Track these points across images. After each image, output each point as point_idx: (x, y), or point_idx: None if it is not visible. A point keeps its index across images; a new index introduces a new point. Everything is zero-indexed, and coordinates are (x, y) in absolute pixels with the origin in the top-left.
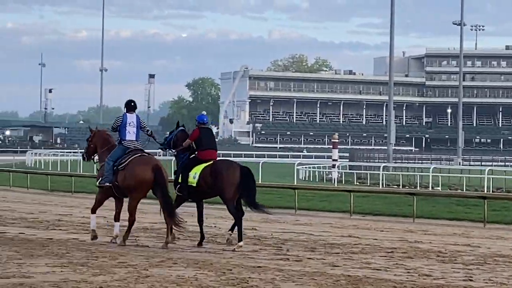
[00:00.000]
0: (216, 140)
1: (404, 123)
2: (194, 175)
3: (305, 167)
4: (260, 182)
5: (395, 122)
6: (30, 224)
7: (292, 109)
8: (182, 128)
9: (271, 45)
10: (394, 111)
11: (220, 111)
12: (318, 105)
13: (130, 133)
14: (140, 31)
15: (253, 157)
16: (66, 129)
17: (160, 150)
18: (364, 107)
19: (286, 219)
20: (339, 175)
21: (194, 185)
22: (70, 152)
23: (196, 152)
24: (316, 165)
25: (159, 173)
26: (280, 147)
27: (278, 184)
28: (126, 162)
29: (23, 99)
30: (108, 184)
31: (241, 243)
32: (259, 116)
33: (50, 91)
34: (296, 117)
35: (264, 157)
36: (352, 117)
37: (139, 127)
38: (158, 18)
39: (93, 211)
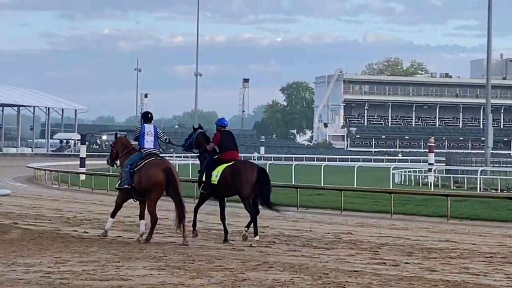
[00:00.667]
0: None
1: (501, 127)
2: (217, 174)
3: (401, 171)
4: (355, 186)
5: (493, 126)
6: (127, 227)
7: (387, 113)
8: (202, 130)
9: (366, 49)
10: (491, 114)
11: (315, 115)
12: (414, 109)
13: (148, 142)
14: (234, 36)
15: (347, 161)
16: None
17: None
18: (461, 110)
19: (382, 223)
20: (435, 179)
21: (216, 183)
22: (165, 157)
23: (219, 154)
24: (411, 169)
25: (171, 175)
26: (375, 151)
27: (374, 188)
28: (140, 165)
29: (119, 104)
30: (126, 186)
31: (257, 237)
32: (353, 120)
33: (145, 96)
34: (391, 121)
35: (359, 161)
36: (448, 120)
37: (156, 136)
38: (253, 23)
39: (113, 215)
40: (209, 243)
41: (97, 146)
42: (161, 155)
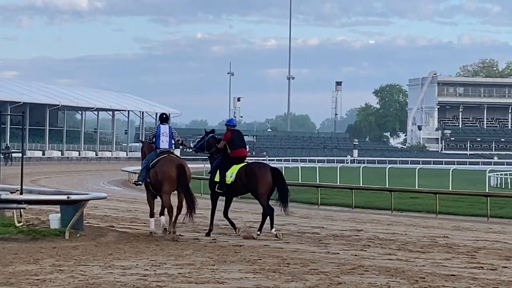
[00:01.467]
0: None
1: None
2: (231, 174)
3: (497, 174)
4: (450, 189)
5: None
6: (222, 230)
7: (482, 115)
8: (212, 134)
9: (460, 50)
10: None
11: (408, 117)
12: (510, 111)
13: (164, 142)
14: (327, 38)
15: (442, 164)
16: (254, 137)
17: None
18: None
19: (478, 227)
20: None
21: (230, 183)
22: (259, 160)
23: (229, 151)
24: (508, 172)
25: (183, 171)
26: (470, 154)
27: (470, 191)
28: (156, 161)
29: (212, 108)
30: (140, 182)
31: (273, 230)
32: (448, 123)
33: (238, 99)
34: (487, 123)
35: (454, 164)
36: None
37: (171, 136)
38: (345, 26)
39: (151, 215)
40: (303, 246)
41: (190, 150)
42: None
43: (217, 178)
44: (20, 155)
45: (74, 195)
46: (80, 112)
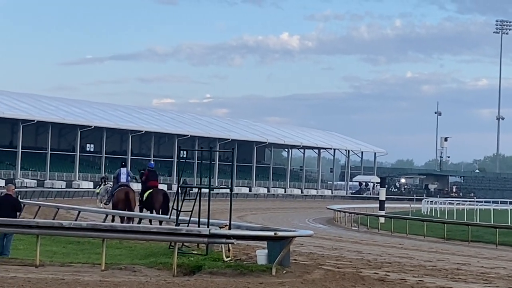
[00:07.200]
0: None
1: None
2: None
3: None
4: None
5: None
6: (428, 272)
7: None
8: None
9: None
10: None
11: None
12: None
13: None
14: None
15: None
16: (462, 177)
17: None
18: None
19: None
20: None
21: None
22: (466, 201)
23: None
24: None
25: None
26: None
27: None
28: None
29: (418, 147)
30: None
31: None
32: None
33: (445, 139)
34: None
35: None
36: None
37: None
38: None
39: None
40: None
41: (396, 189)
42: None
43: None
44: (228, 191)
45: (281, 231)
46: (286, 149)
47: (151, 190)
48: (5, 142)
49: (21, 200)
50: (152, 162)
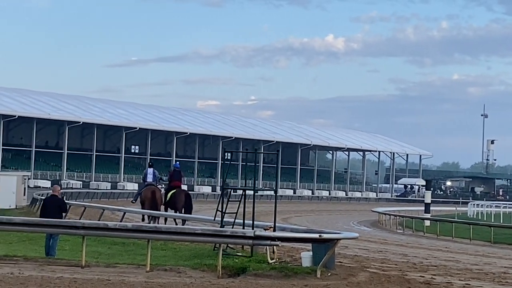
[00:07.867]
0: None
1: None
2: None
3: None
4: None
5: None
6: (475, 275)
7: None
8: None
9: None
10: None
11: None
12: None
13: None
14: None
15: None
16: (508, 180)
17: None
18: None
19: None
20: None
21: None
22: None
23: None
24: None
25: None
26: None
27: None
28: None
29: (464, 150)
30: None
31: None
32: None
33: (492, 142)
34: None
35: None
36: None
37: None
38: None
39: None
40: None
41: (441, 192)
42: None
43: None
44: (272, 193)
45: (326, 234)
46: (331, 152)
47: (174, 191)
48: (51, 144)
49: (66, 201)
50: (177, 163)
